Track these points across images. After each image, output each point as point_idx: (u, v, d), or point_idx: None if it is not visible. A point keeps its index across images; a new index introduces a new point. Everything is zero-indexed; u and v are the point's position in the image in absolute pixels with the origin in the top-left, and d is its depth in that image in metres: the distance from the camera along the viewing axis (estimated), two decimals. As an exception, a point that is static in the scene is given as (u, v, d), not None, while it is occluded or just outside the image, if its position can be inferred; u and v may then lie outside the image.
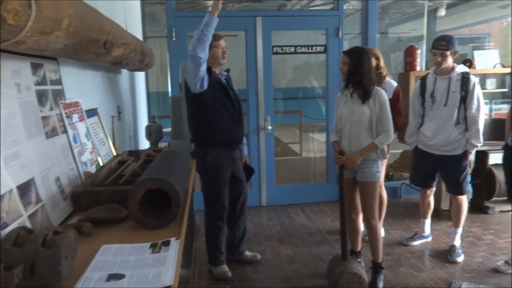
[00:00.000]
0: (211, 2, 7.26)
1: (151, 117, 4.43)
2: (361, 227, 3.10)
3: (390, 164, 4.89)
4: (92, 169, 1.88)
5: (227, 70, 3.06)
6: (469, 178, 3.23)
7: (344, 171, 2.83)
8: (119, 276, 1.00)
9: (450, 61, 3.05)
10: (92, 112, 2.23)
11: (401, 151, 5.12)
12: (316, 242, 3.72)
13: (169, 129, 3.80)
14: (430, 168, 3.29)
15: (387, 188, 3.69)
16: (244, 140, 3.21)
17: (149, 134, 3.43)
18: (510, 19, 7.13)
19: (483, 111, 3.08)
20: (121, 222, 1.41)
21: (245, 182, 3.18)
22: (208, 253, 3.09)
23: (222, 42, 2.87)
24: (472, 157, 3.19)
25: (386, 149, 2.87)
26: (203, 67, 2.66)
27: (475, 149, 3.11)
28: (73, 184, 1.62)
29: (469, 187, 3.23)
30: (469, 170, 3.24)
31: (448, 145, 3.12)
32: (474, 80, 3.07)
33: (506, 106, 4.66)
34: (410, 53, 4.52)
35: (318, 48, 4.66)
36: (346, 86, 2.81)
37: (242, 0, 7.24)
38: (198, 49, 2.57)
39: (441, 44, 3.02)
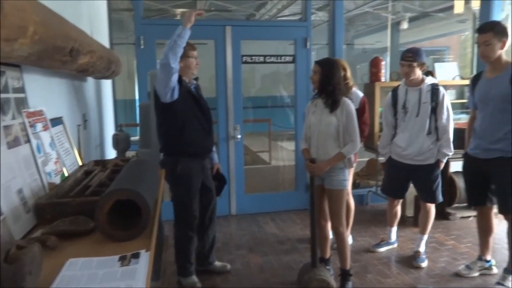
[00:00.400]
0: (180, 10, 7.22)
1: (118, 126, 4.35)
2: (330, 234, 3.15)
3: (357, 172, 5.00)
4: (57, 180, 1.82)
5: (196, 79, 3.05)
6: (441, 186, 3.31)
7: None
8: (87, 291, 0.97)
9: (418, 72, 3.16)
10: (57, 121, 2.16)
11: (367, 159, 5.25)
12: (285, 250, 3.74)
13: (136, 138, 3.74)
14: (404, 179, 3.37)
15: (354, 196, 3.76)
16: (214, 148, 3.20)
17: (116, 143, 3.35)
18: (467, 33, 7.49)
19: (452, 121, 3.19)
20: (88, 235, 1.37)
21: (214, 191, 3.16)
22: (177, 264, 3.04)
23: (195, 53, 2.87)
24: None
25: (352, 158, 2.93)
26: (175, 77, 2.64)
27: (446, 158, 3.22)
28: (36, 195, 1.56)
29: (440, 196, 3.32)
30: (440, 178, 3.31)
31: (421, 155, 3.20)
32: (443, 91, 3.18)
33: (465, 116, 4.87)
34: (375, 64, 4.66)
35: (287, 58, 4.73)
36: (319, 95, 2.87)
37: (211, 9, 7.27)
38: (171, 58, 2.55)
39: (408, 56, 3.14)
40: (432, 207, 3.38)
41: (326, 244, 3.15)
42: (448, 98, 3.20)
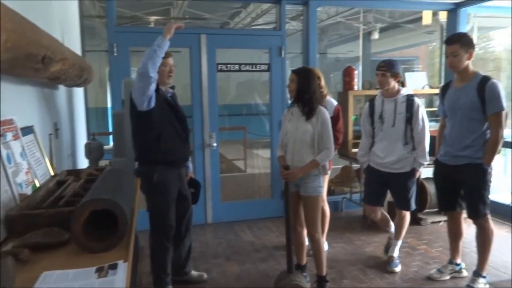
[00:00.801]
0: (153, 18, 7.14)
1: (90, 135, 4.26)
2: (306, 241, 3.18)
3: (332, 179, 5.06)
4: (28, 191, 1.76)
5: (172, 87, 3.03)
6: (415, 194, 3.36)
7: (289, 185, 2.91)
8: (63, 305, 0.95)
9: (392, 82, 3.22)
10: (27, 130, 2.10)
11: (341, 166, 5.33)
12: (262, 258, 3.74)
13: (108, 147, 3.66)
14: (383, 186, 3.40)
15: (329, 203, 3.80)
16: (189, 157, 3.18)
17: (89, 152, 3.28)
18: (435, 43, 7.75)
19: (428, 131, 3.24)
20: (62, 247, 1.33)
21: (190, 199, 3.13)
22: (153, 275, 2.98)
23: (170, 60, 2.84)
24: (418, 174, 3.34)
25: (327, 165, 2.98)
26: (153, 86, 2.62)
27: (422, 167, 3.28)
28: (6, 207, 1.51)
29: (414, 204, 3.37)
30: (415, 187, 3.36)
31: (397, 163, 3.25)
32: (418, 102, 3.23)
33: (434, 123, 5.02)
34: (348, 73, 4.76)
35: (262, 67, 4.77)
36: (296, 103, 2.91)
37: (185, 17, 7.26)
38: (150, 68, 2.54)
39: (381, 66, 3.23)
40: (407, 214, 3.45)
41: (302, 251, 3.18)
42: (423, 109, 3.25)
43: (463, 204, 3.10)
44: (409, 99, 3.22)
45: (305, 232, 3.07)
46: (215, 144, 4.57)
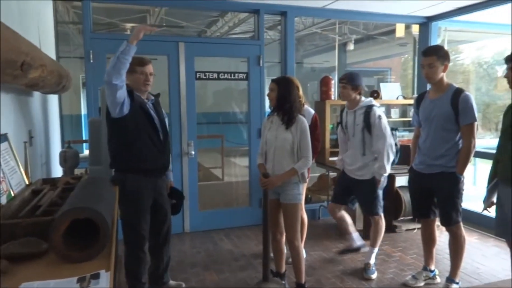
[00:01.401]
0: (130, 25, 7.05)
1: (65, 142, 4.16)
2: (285, 249, 3.19)
3: (309, 188, 5.12)
4: (3, 200, 1.72)
5: (157, 95, 3.00)
6: (379, 201, 3.42)
7: (269, 193, 2.93)
8: (45, 316, 0.93)
9: (353, 94, 3.33)
10: (1, 138, 2.05)
11: (318, 174, 5.39)
12: (241, 266, 3.73)
13: (82, 155, 3.59)
14: (348, 188, 3.52)
15: (306, 211, 3.84)
16: (170, 166, 3.14)
17: (64, 160, 3.20)
18: (407, 55, 7.97)
19: (388, 142, 3.25)
20: (41, 257, 1.30)
21: (169, 210, 3.08)
22: (128, 285, 2.93)
23: (146, 69, 2.78)
24: (383, 181, 3.38)
25: (306, 173, 3.01)
26: (120, 93, 2.54)
27: (382, 177, 3.33)
28: (-19, 217, 1.47)
29: (379, 210, 3.43)
30: (380, 194, 3.42)
31: (359, 171, 3.39)
32: (378, 112, 3.28)
33: (407, 133, 5.16)
34: (325, 83, 4.85)
35: (240, 75, 4.79)
36: (277, 112, 2.94)
37: (162, 25, 7.22)
38: (113, 76, 2.45)
39: (342, 78, 3.37)
40: (380, 221, 3.52)
41: (282, 258, 3.19)
42: (383, 119, 3.27)
43: (436, 212, 3.18)
44: (367, 110, 3.30)
45: (284, 239, 3.09)
46: (193, 152, 4.55)
